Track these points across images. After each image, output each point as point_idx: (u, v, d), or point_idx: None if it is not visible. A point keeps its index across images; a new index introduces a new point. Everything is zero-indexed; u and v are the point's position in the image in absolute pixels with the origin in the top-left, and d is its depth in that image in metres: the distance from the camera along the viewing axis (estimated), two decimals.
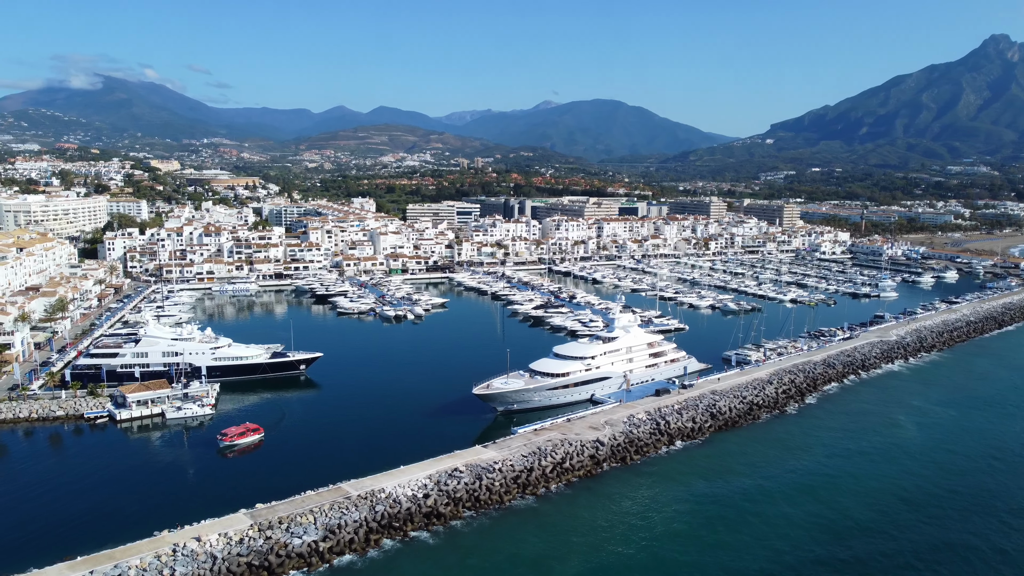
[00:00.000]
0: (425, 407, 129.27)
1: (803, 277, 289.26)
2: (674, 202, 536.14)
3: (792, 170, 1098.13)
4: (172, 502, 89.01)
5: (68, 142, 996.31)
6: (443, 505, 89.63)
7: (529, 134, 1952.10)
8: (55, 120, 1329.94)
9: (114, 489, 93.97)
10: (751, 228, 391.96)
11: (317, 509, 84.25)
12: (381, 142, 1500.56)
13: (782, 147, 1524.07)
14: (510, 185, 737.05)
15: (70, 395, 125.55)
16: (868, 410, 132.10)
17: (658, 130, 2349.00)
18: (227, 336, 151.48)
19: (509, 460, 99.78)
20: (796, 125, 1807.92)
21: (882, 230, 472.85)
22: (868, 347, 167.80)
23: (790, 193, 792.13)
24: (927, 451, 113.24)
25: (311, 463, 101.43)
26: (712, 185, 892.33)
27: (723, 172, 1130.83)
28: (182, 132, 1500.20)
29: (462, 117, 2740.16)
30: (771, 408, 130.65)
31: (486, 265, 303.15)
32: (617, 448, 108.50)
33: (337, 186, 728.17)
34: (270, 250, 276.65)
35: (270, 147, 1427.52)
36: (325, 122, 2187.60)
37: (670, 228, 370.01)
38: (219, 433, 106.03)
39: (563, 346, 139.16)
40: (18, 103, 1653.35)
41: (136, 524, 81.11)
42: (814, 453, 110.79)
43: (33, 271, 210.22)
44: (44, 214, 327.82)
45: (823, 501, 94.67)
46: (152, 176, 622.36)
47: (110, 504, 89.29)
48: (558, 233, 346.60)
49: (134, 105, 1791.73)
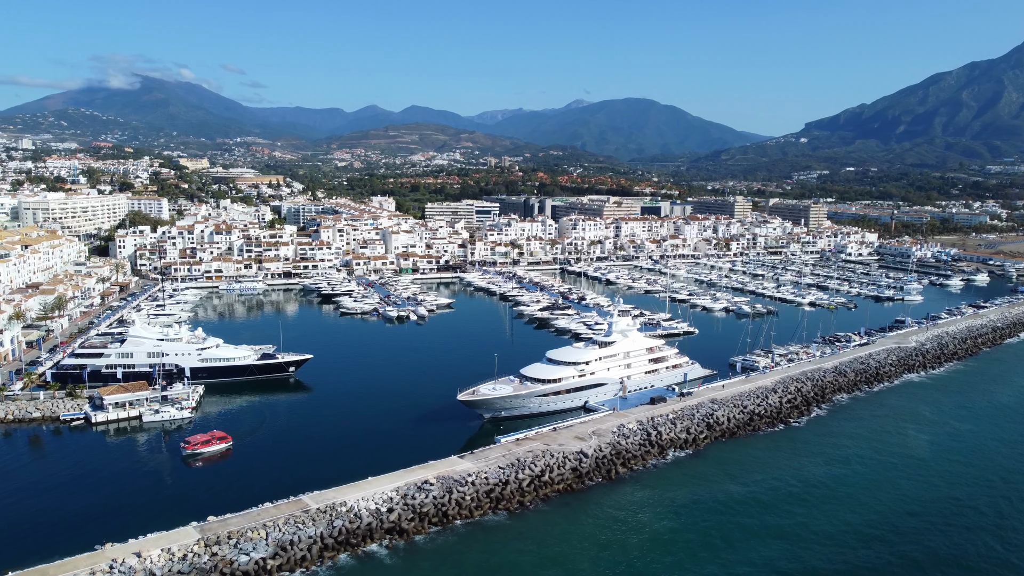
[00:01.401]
0: (412, 413, 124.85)
1: (825, 279, 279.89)
2: (698, 201, 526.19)
3: (826, 169, 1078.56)
4: (124, 512, 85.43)
5: (105, 141, 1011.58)
6: (407, 520, 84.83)
7: (560, 133, 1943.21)
8: (93, 119, 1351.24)
9: (67, 496, 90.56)
10: (774, 228, 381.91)
11: (271, 523, 79.93)
12: (412, 141, 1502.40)
13: (817, 146, 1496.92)
14: (535, 184, 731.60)
15: (48, 396, 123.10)
16: (878, 422, 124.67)
17: (690, 129, 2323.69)
18: (224, 336, 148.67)
19: (484, 472, 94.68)
20: (831, 124, 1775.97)
21: (913, 231, 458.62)
22: (884, 354, 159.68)
23: (821, 193, 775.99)
24: (936, 468, 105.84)
25: (279, 473, 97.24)
26: (742, 184, 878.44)
27: (755, 171, 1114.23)
28: (217, 131, 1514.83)
29: (493, 116, 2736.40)
30: (773, 419, 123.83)
31: (499, 265, 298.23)
32: (602, 460, 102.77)
33: (363, 185, 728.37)
34: (280, 249, 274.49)
35: (302, 146, 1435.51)
36: (357, 121, 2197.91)
37: (690, 228, 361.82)
38: (183, 441, 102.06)
39: (556, 351, 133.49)
40: (59, 103, 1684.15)
41: (81, 535, 77.75)
42: (813, 468, 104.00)
43: (38, 268, 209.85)
44: (63, 211, 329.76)
45: (816, 519, 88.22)
46: (178, 174, 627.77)
47: (59, 512, 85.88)
48: (574, 233, 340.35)
49: (171, 105, 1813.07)
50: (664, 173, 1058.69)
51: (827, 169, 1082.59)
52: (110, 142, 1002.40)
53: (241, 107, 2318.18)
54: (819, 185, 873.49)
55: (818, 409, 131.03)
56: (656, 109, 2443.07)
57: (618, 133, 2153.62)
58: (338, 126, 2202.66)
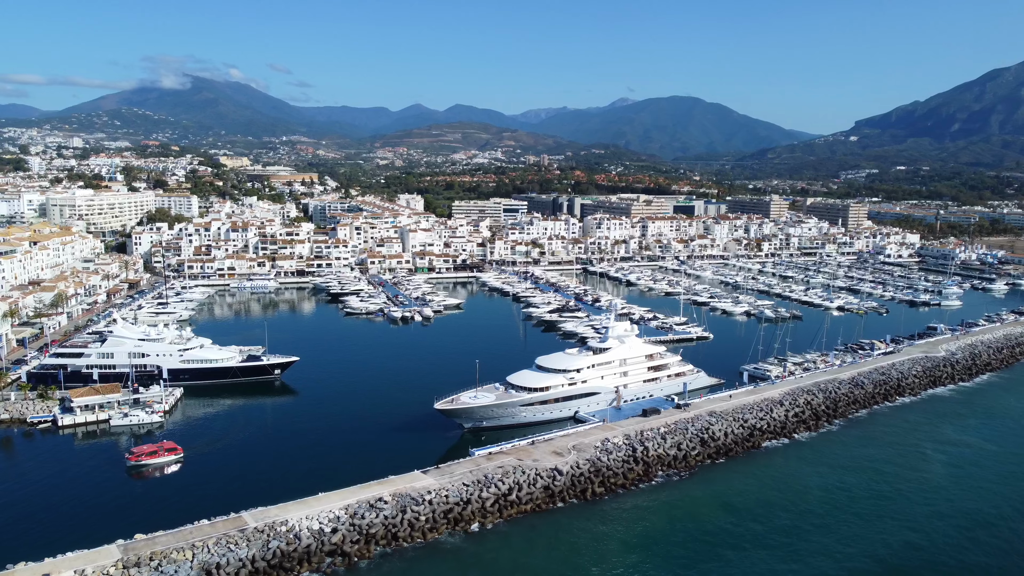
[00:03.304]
0: (392, 421, 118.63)
1: (858, 282, 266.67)
2: (733, 200, 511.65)
3: (875, 168, 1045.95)
4: (51, 526, 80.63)
5: (155, 140, 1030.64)
6: (351, 542, 78.43)
7: (603, 132, 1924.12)
8: (145, 119, 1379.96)
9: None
10: (810, 229, 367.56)
11: (200, 543, 74.17)
12: (454, 139, 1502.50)
13: (866, 145, 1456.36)
14: (570, 182, 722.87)
15: (20, 397, 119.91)
16: (893, 441, 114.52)
17: (736, 127, 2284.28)
18: (221, 335, 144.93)
19: (445, 490, 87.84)
20: (882, 122, 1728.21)
21: (959, 232, 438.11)
22: (909, 364, 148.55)
23: (868, 192, 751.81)
24: (951, 496, 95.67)
25: (230, 487, 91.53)
26: (786, 184, 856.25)
27: (802, 170, 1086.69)
28: (264, 130, 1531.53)
29: (537, 115, 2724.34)
30: (776, 434, 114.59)
31: (519, 264, 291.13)
32: (578, 479, 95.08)
33: (399, 183, 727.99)
34: (296, 246, 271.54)
35: (346, 144, 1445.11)
36: (402, 120, 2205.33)
37: (720, 228, 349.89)
38: (127, 451, 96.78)
39: (546, 357, 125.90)
40: (113, 103, 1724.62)
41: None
42: (810, 493, 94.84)
43: (47, 265, 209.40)
44: (89, 208, 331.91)
45: (805, 552, 79.47)
46: (215, 172, 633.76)
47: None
48: (598, 232, 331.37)
49: (220, 104, 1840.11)
50: (707, 172, 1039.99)
51: (876, 168, 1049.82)
52: (158, 141, 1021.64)
53: (288, 106, 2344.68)
54: (867, 184, 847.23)
55: (829, 424, 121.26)
56: (702, 107, 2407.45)
57: (662, 131, 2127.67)
58: (383, 125, 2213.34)
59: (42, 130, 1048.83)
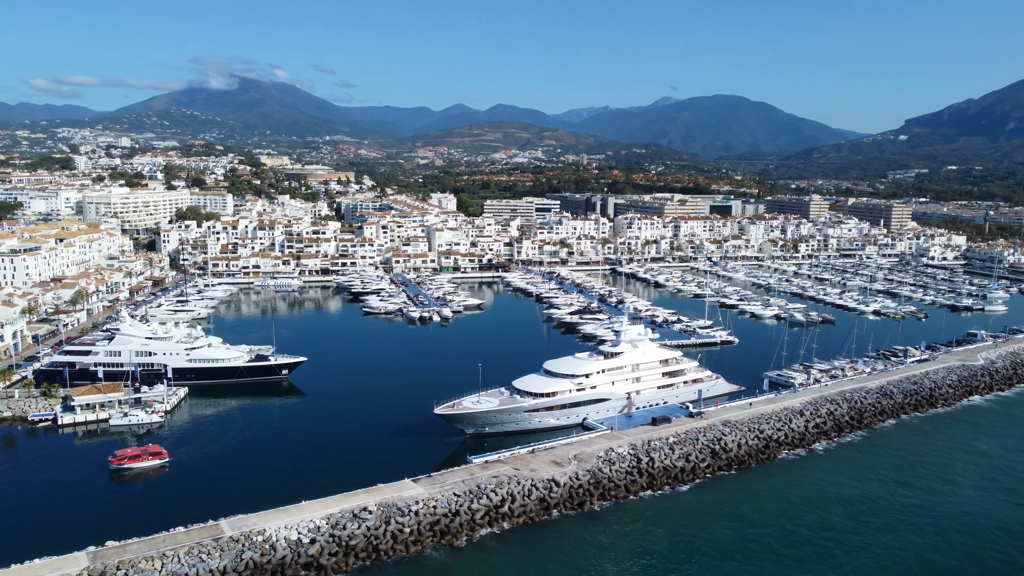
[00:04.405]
0: (395, 425, 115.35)
1: (898, 285, 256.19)
2: (772, 200, 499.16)
3: (925, 168, 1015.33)
4: (25, 531, 78.69)
5: (202, 139, 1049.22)
6: (328, 554, 75.12)
7: (645, 131, 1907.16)
8: (193, 119, 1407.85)
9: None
10: (850, 229, 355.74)
11: (172, 552, 71.54)
12: (495, 139, 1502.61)
13: (916, 144, 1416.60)
14: (607, 182, 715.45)
15: (24, 395, 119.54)
16: (919, 455, 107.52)
17: (782, 126, 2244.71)
18: (235, 334, 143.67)
19: (434, 500, 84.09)
20: (933, 120, 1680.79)
21: (1009, 233, 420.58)
22: (944, 373, 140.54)
23: (916, 192, 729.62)
24: (979, 514, 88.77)
25: (211, 492, 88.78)
26: (830, 183, 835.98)
27: (848, 170, 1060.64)
28: (308, 130, 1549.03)
29: (579, 114, 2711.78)
30: (793, 446, 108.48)
31: (546, 264, 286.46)
32: (576, 491, 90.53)
33: (436, 182, 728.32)
34: (322, 245, 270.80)
35: (388, 144, 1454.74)
36: (444, 120, 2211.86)
37: (756, 228, 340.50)
38: (111, 454, 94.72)
39: (554, 361, 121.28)
40: (163, 103, 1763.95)
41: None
42: (820, 510, 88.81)
43: (73, 262, 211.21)
44: (124, 206, 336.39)
45: (820, 563, 74.03)
46: (254, 171, 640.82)
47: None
48: (629, 232, 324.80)
49: (265, 104, 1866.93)
50: (750, 171, 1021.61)
51: (926, 168, 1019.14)
52: (203, 140, 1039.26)
53: (332, 106, 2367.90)
54: (915, 184, 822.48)
55: (852, 436, 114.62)
56: (746, 106, 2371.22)
57: (705, 130, 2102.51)
58: (425, 125, 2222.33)
59: (94, 130, 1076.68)
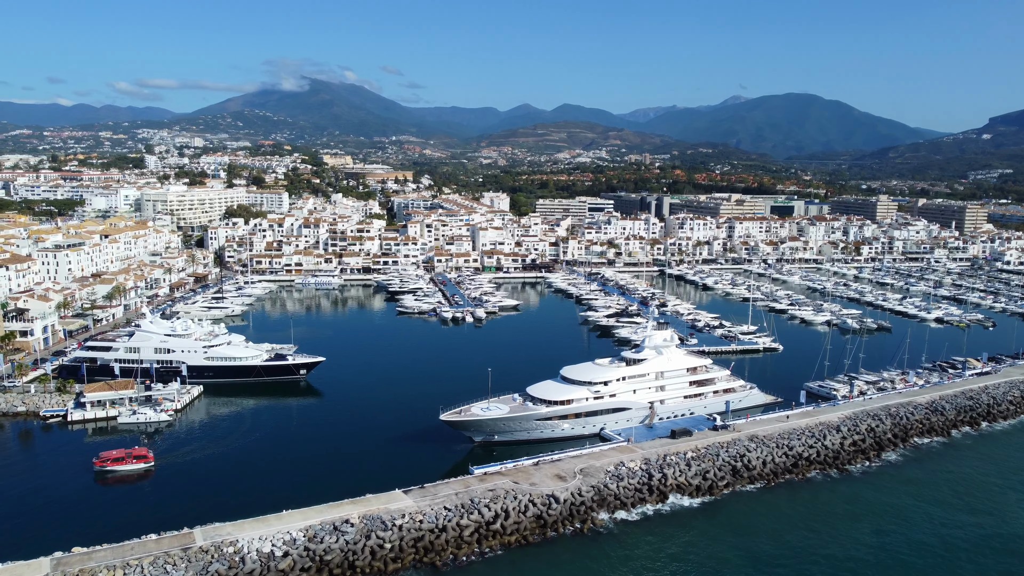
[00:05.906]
0: (406, 429, 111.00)
1: (967, 291, 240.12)
2: (836, 201, 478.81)
3: (1009, 168, 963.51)
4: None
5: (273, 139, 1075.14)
6: (300, 569, 70.95)
7: (713, 130, 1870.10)
8: (266, 120, 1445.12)
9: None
10: (917, 232, 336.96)
11: (136, 562, 68.37)
12: (559, 139, 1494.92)
13: (1000, 143, 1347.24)
14: (668, 181, 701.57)
15: (39, 390, 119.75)
16: (967, 478, 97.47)
17: (856, 125, 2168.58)
18: (265, 333, 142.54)
19: (421, 514, 79.18)
20: (1020, 119, 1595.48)
21: None
22: (1005, 387, 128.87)
23: (998, 193, 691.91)
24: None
25: (193, 498, 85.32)
26: (905, 184, 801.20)
27: (926, 170, 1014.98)
28: (376, 130, 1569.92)
29: (645, 114, 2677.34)
30: (826, 465, 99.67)
31: (592, 265, 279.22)
32: (577, 508, 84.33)
33: (495, 182, 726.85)
34: (365, 243, 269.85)
35: (452, 144, 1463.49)
36: (510, 120, 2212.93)
37: (815, 229, 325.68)
38: (95, 456, 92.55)
39: (572, 367, 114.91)
40: (237, 105, 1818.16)
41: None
42: (846, 537, 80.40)
43: (117, 258, 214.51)
44: (180, 203, 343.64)
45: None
46: (314, 170, 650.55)
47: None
48: (680, 232, 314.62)
49: (335, 105, 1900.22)
50: (822, 172, 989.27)
51: (1011, 168, 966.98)
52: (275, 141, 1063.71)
53: (400, 107, 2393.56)
54: (997, 185, 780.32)
55: (893, 454, 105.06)
56: (819, 104, 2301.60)
57: (776, 130, 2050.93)
58: (490, 125, 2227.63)
59: (172, 131, 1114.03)
